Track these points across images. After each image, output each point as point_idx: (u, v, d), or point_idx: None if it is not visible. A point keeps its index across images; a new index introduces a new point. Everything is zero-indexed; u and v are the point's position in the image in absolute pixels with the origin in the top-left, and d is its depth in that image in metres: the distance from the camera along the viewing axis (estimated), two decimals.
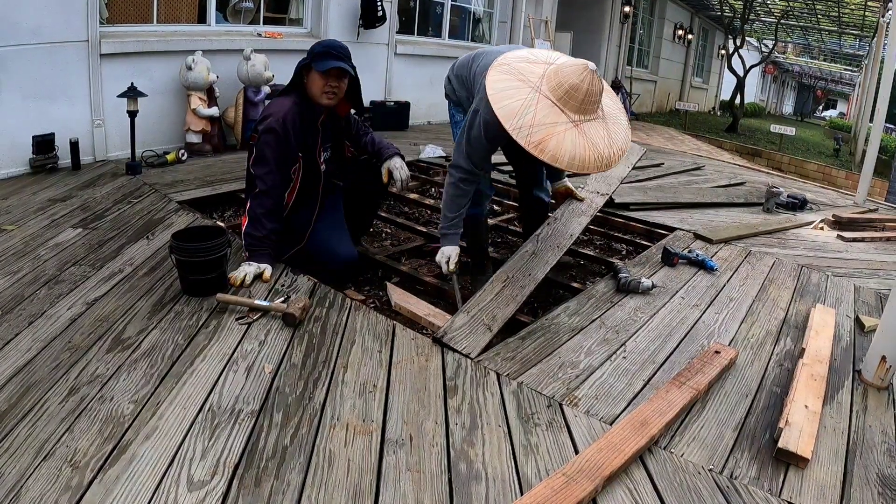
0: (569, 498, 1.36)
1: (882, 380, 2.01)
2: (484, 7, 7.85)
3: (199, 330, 2.01)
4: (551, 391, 1.84)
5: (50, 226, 2.84)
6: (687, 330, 2.31)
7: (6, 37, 3.38)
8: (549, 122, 2.04)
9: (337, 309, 2.24)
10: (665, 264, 2.94)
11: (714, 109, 19.16)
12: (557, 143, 2.02)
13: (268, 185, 2.40)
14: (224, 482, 1.37)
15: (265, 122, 2.42)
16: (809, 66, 30.08)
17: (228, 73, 4.42)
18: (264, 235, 2.43)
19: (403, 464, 1.49)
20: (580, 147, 2.04)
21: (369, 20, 5.68)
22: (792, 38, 21.36)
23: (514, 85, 2.12)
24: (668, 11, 14.14)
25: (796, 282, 2.92)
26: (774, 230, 3.77)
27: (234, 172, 3.84)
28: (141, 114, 3.70)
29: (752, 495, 1.48)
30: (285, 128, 2.40)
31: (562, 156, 2.02)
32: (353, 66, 2.51)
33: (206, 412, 1.60)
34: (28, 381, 1.68)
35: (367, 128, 2.90)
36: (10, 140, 3.53)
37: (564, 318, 2.32)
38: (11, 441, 1.45)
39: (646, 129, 9.82)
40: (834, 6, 14.00)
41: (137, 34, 4.12)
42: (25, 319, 2.00)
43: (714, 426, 1.74)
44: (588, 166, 2.08)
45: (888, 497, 1.52)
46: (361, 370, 1.87)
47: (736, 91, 14.66)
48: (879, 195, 9.19)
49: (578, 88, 2.04)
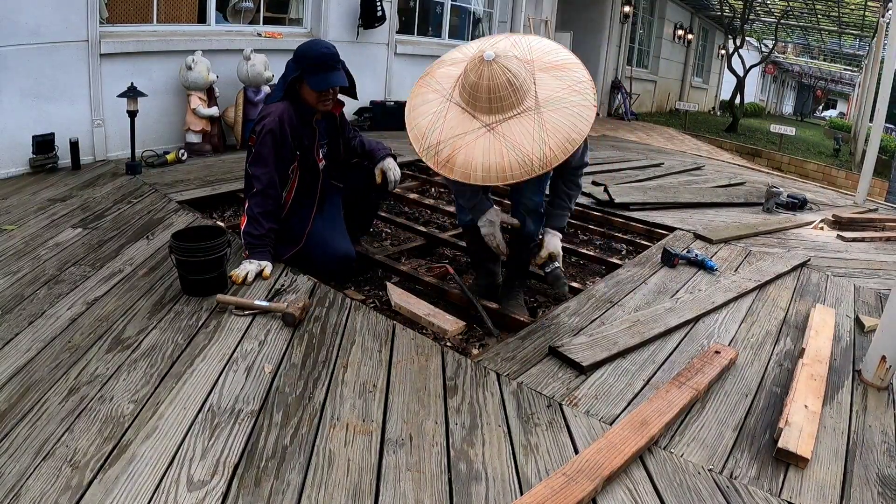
0: (569, 498, 1.36)
1: (882, 380, 2.01)
2: (484, 7, 7.85)
3: (199, 330, 2.01)
4: (551, 391, 1.84)
5: (50, 226, 2.84)
6: (687, 330, 2.31)
7: (6, 36, 3.38)
8: (458, 133, 1.79)
9: (337, 309, 2.24)
10: (665, 265, 2.95)
11: (714, 109, 19.15)
12: (466, 156, 1.76)
13: (265, 184, 2.41)
14: (224, 482, 1.37)
15: (262, 122, 2.42)
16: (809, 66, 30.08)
17: (228, 73, 4.42)
18: (263, 234, 2.43)
19: (403, 464, 1.49)
20: (495, 154, 1.76)
21: (369, 20, 5.68)
22: (792, 38, 21.36)
23: (427, 98, 1.88)
24: (668, 11, 14.14)
25: (796, 282, 2.92)
26: (774, 230, 3.77)
27: (233, 172, 3.84)
28: (141, 114, 3.70)
29: (752, 495, 1.48)
30: (282, 128, 2.40)
31: (473, 170, 1.76)
32: (345, 69, 2.52)
33: (205, 412, 1.60)
34: (28, 381, 1.68)
35: (355, 131, 2.91)
36: (10, 140, 3.53)
37: (564, 318, 2.32)
38: (11, 441, 1.45)
39: (646, 129, 9.82)
40: (834, 6, 14.00)
41: (137, 34, 4.12)
42: (25, 319, 2.00)
43: (714, 426, 1.74)
44: (511, 174, 1.78)
45: (888, 497, 1.52)
46: (361, 370, 1.87)
47: (736, 91, 14.66)
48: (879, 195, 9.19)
49: (478, 86, 1.77)
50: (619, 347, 2.07)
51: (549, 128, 1.78)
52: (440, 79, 1.89)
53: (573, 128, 1.80)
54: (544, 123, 1.78)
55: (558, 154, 1.78)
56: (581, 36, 9.90)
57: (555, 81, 1.86)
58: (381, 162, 2.80)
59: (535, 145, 1.76)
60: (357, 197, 2.89)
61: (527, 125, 1.78)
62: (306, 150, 2.55)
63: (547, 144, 1.77)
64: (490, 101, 1.77)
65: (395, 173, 2.80)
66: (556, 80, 1.86)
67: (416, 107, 1.90)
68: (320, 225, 2.63)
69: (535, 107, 1.80)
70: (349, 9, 5.61)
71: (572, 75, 1.90)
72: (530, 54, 1.92)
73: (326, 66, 2.44)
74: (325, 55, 2.45)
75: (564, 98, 1.84)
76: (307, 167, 2.58)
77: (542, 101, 1.81)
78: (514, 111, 1.78)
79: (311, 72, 2.42)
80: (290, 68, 2.47)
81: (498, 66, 1.75)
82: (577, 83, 1.88)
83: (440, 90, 1.86)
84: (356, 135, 2.89)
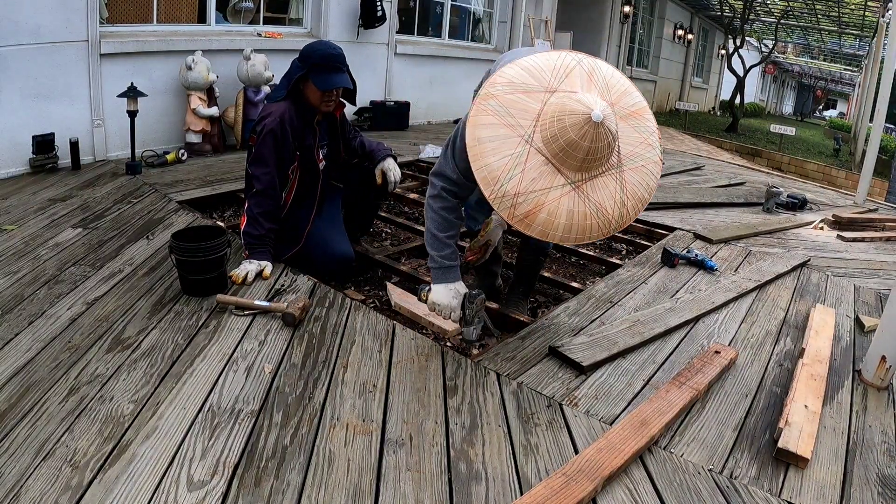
0: (568, 498, 1.36)
1: (882, 380, 2.01)
2: (484, 7, 7.84)
3: (199, 330, 2.01)
4: (551, 391, 1.84)
5: (50, 226, 2.84)
6: (687, 330, 2.31)
7: (6, 36, 3.38)
8: (540, 188, 1.64)
9: (337, 309, 2.24)
10: (665, 265, 2.95)
11: (714, 109, 19.16)
12: (549, 216, 1.65)
13: (265, 184, 2.41)
14: (224, 482, 1.37)
15: (263, 122, 2.42)
16: (809, 66, 30.09)
17: (228, 73, 4.42)
18: (263, 234, 2.43)
19: (403, 464, 1.49)
20: (578, 216, 1.66)
21: (369, 20, 5.68)
22: (792, 38, 21.37)
23: (499, 134, 1.66)
24: (668, 11, 14.14)
25: (796, 282, 2.92)
26: (774, 230, 3.77)
27: (233, 172, 3.84)
28: (141, 114, 3.70)
29: (752, 495, 1.48)
30: (283, 128, 2.41)
31: (553, 230, 1.67)
32: (349, 71, 2.52)
33: (205, 412, 1.60)
34: (28, 381, 1.68)
35: (356, 131, 2.92)
36: (10, 140, 3.53)
37: (564, 317, 2.32)
38: (11, 441, 1.45)
39: None
40: (834, 6, 14.00)
41: (137, 34, 4.12)
42: (25, 319, 2.00)
43: (714, 426, 1.74)
44: (589, 235, 1.71)
45: (888, 497, 1.52)
46: (361, 370, 1.87)
47: (736, 91, 14.67)
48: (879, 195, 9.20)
49: (577, 147, 1.60)
50: (619, 347, 2.07)
51: (629, 189, 1.70)
52: (513, 110, 1.67)
53: (647, 187, 1.74)
54: (625, 184, 1.70)
55: (632, 215, 1.73)
56: (581, 36, 9.90)
57: (634, 134, 1.75)
58: (382, 162, 2.81)
59: (616, 208, 1.69)
60: (357, 197, 2.89)
61: (610, 185, 1.69)
62: (307, 150, 2.55)
63: (625, 206, 1.70)
64: (584, 161, 1.63)
65: (395, 174, 2.81)
66: (634, 133, 1.75)
67: (484, 140, 1.66)
68: (320, 225, 2.63)
69: (617, 164, 1.70)
70: (349, 9, 5.61)
71: (646, 125, 1.79)
72: (608, 94, 1.75)
73: (332, 66, 2.45)
74: (332, 56, 2.46)
75: (642, 155, 1.74)
76: (307, 168, 2.58)
77: (624, 158, 1.71)
78: (600, 171, 1.68)
79: (316, 71, 2.42)
80: (295, 67, 2.47)
81: (604, 129, 1.60)
82: (650, 135, 1.78)
83: (515, 126, 1.66)
84: (356, 135, 2.89)
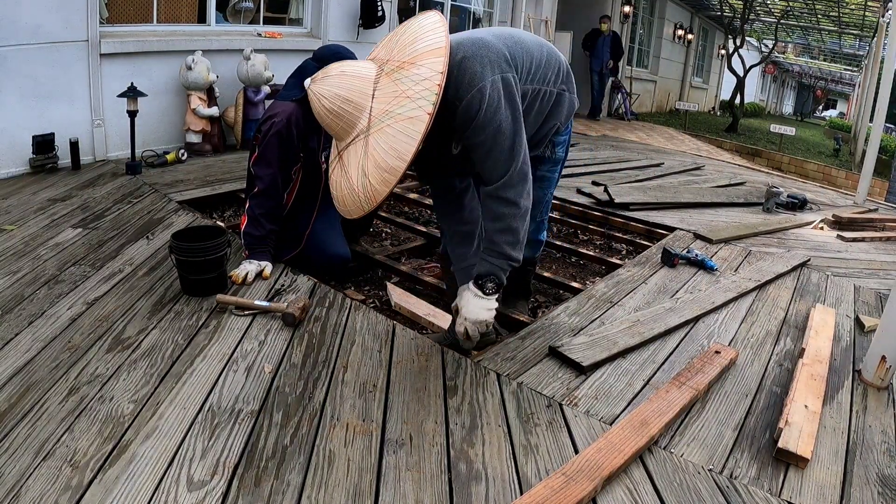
0: (568, 498, 1.36)
1: (882, 380, 2.01)
2: (484, 7, 7.84)
3: (199, 330, 2.01)
4: (551, 391, 1.84)
5: (50, 226, 2.84)
6: (687, 330, 2.31)
7: (6, 36, 3.38)
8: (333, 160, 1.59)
9: (337, 309, 2.24)
10: (665, 265, 2.94)
11: (714, 109, 19.14)
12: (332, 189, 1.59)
13: (267, 185, 2.41)
14: (224, 482, 1.37)
15: (270, 122, 2.41)
16: (809, 66, 30.07)
17: (228, 73, 4.41)
18: (264, 234, 2.43)
19: (403, 464, 1.49)
20: (342, 187, 1.53)
21: (369, 20, 5.68)
22: (792, 38, 21.35)
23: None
24: (668, 11, 14.12)
25: (796, 282, 2.92)
26: (774, 230, 3.77)
27: (233, 172, 3.84)
28: (141, 114, 3.70)
29: (752, 495, 1.48)
30: (289, 129, 2.40)
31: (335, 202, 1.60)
32: None
33: (205, 412, 1.60)
34: (28, 381, 1.68)
35: None
36: (9, 140, 3.53)
37: (564, 317, 2.32)
38: (11, 441, 1.45)
39: (646, 129, 9.81)
40: (834, 6, 13.99)
41: (137, 34, 4.12)
42: (25, 319, 2.00)
43: (714, 426, 1.74)
44: (348, 210, 1.56)
45: (888, 497, 1.52)
46: (361, 370, 1.87)
47: (736, 91, 14.65)
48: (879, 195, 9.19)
49: (318, 114, 1.53)
50: (619, 347, 2.07)
51: (370, 156, 1.46)
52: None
53: (394, 152, 1.44)
54: (368, 150, 1.46)
55: (378, 186, 1.46)
56: (581, 36, 9.90)
57: (391, 87, 1.47)
58: None
59: (360, 177, 1.48)
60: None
61: (358, 152, 1.49)
62: (311, 152, 2.55)
63: (367, 175, 1.47)
64: (330, 127, 1.52)
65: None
66: (392, 86, 1.47)
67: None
68: (319, 226, 2.63)
69: (366, 128, 1.47)
70: (349, 9, 5.61)
71: (414, 73, 1.45)
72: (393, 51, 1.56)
73: None
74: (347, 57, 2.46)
75: (392, 112, 1.45)
76: (310, 169, 2.58)
77: (374, 119, 1.46)
78: (351, 136, 1.49)
79: None
80: (311, 67, 2.45)
81: (312, 92, 1.50)
82: (414, 84, 1.44)
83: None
84: None
